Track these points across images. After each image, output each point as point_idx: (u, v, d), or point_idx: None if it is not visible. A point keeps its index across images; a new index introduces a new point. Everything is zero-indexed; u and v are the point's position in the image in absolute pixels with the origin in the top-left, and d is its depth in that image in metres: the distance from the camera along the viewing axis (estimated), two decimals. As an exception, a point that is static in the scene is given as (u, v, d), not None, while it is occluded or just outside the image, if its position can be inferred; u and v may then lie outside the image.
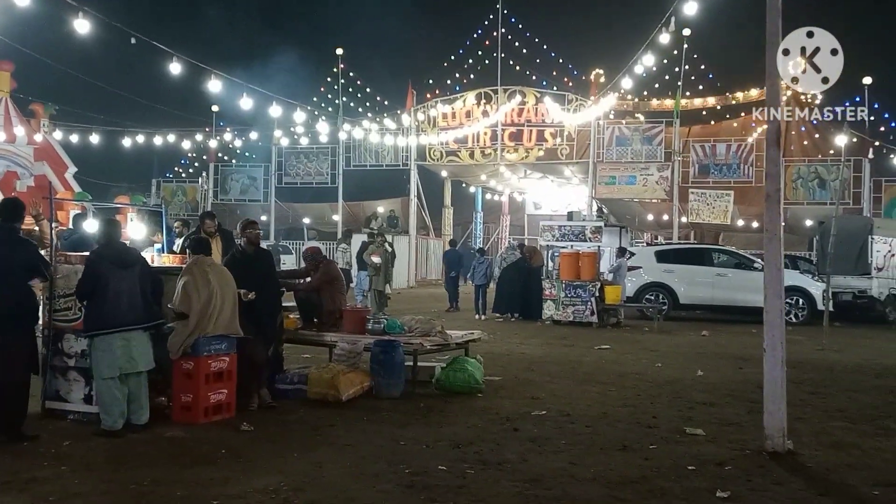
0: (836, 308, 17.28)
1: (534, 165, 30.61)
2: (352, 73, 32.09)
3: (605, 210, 27.91)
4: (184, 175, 34.93)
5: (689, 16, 16.15)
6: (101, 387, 6.77)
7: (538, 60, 31.69)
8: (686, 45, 26.22)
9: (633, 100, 28.87)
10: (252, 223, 8.52)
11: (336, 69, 31.08)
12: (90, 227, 9.10)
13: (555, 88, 29.64)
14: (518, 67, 30.77)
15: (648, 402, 8.56)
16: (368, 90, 32.78)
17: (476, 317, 18.08)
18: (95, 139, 28.01)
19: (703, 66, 29.09)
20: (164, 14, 45.95)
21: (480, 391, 8.78)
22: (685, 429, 7.27)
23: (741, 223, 27.38)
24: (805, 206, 26.07)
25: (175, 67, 15.61)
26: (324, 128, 28.80)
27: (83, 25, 13.32)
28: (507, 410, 7.94)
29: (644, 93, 29.06)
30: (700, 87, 29.22)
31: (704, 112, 29.17)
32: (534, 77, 30.84)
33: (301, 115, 25.74)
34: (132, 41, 15.07)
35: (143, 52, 16.09)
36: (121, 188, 30.79)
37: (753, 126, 26.19)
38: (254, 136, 31.49)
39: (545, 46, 31.73)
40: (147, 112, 31.61)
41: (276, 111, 22.87)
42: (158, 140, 29.59)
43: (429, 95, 30.87)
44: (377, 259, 17.39)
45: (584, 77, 30.29)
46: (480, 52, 30.94)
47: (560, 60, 31.94)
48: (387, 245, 18.29)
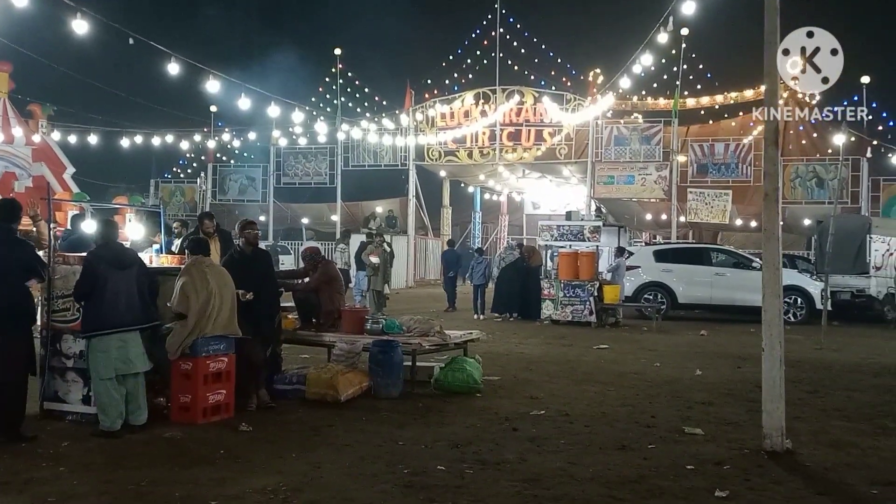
0: (835, 307, 17.32)
1: (532, 165, 30.61)
2: (350, 73, 32.12)
3: (604, 210, 27.88)
4: (182, 175, 34.94)
5: (688, 15, 16.15)
6: (99, 387, 6.77)
7: (536, 60, 31.73)
8: (684, 45, 26.24)
9: (632, 99, 28.89)
10: (250, 223, 8.52)
11: (334, 69, 31.09)
12: (88, 228, 9.09)
13: (553, 88, 29.66)
14: (516, 67, 30.80)
15: (647, 402, 8.57)
16: (367, 90, 32.84)
17: (475, 317, 18.08)
18: (93, 140, 28.01)
19: (702, 66, 29.15)
20: (162, 14, 45.95)
21: (479, 391, 8.79)
22: (684, 428, 7.28)
23: (739, 222, 27.39)
24: (803, 206, 26.09)
25: (173, 68, 15.61)
26: (322, 128, 28.83)
27: (81, 26, 13.32)
28: (506, 410, 7.94)
29: (642, 92, 29.08)
30: (698, 87, 29.28)
31: (703, 111, 29.21)
32: (532, 77, 30.86)
33: (299, 116, 25.77)
34: (130, 41, 15.09)
35: (142, 53, 16.13)
36: (119, 189, 30.79)
37: (752, 125, 26.22)
38: (252, 137, 31.54)
39: (543, 46, 31.76)
40: (145, 112, 31.63)
41: (275, 111, 22.90)
42: (157, 140, 29.58)
43: (427, 95, 30.87)
44: (376, 259, 17.38)
45: (583, 77, 30.32)
46: (479, 52, 30.96)
47: (558, 60, 31.99)
48: (385, 245, 18.29)
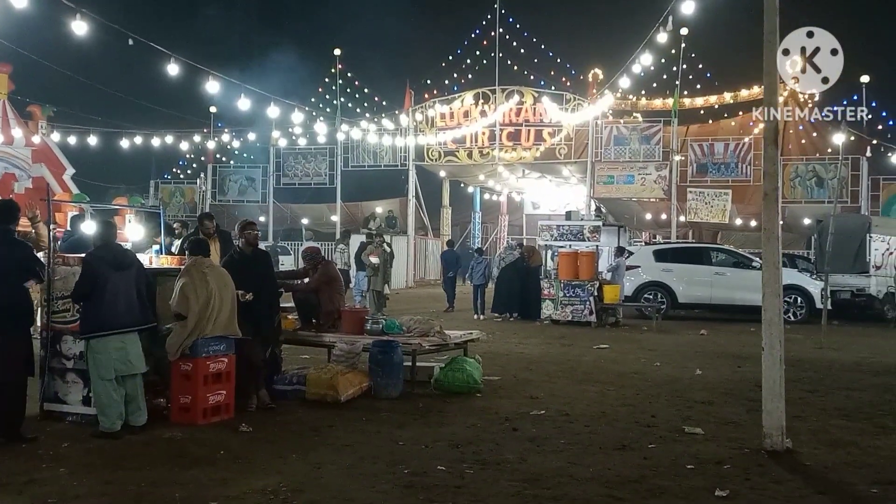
0: (835, 306, 17.31)
1: (532, 165, 30.61)
2: (350, 74, 32.13)
3: (604, 209, 27.90)
4: (182, 176, 34.96)
5: (687, 15, 16.16)
6: (99, 388, 6.76)
7: (536, 60, 31.76)
8: (684, 45, 26.26)
9: (631, 99, 28.90)
10: (250, 224, 8.51)
11: (334, 69, 31.09)
12: (88, 229, 9.09)
13: (553, 88, 29.67)
14: (516, 67, 30.82)
15: (647, 402, 8.57)
16: (366, 90, 32.87)
17: (475, 317, 18.08)
18: (93, 141, 27.99)
19: (701, 66, 29.18)
20: (162, 15, 45.95)
21: (479, 391, 8.78)
22: (684, 428, 7.28)
23: (739, 222, 27.40)
24: (803, 205, 26.10)
25: (173, 68, 15.62)
26: (322, 128, 28.83)
27: (81, 27, 13.32)
28: (506, 410, 7.94)
29: (642, 92, 29.11)
30: (698, 87, 29.31)
31: (702, 111, 29.22)
32: (532, 77, 30.88)
33: (299, 116, 25.76)
34: (130, 42, 15.09)
35: (141, 54, 16.12)
36: (119, 189, 30.83)
37: (751, 125, 26.22)
38: (252, 137, 31.54)
39: (543, 46, 31.80)
40: (145, 113, 31.65)
41: (274, 112, 22.89)
42: (156, 141, 29.58)
43: (427, 96, 30.88)
44: (375, 259, 17.38)
45: (582, 76, 30.33)
46: (478, 52, 30.98)
47: (558, 60, 32.02)
48: (385, 245, 18.28)
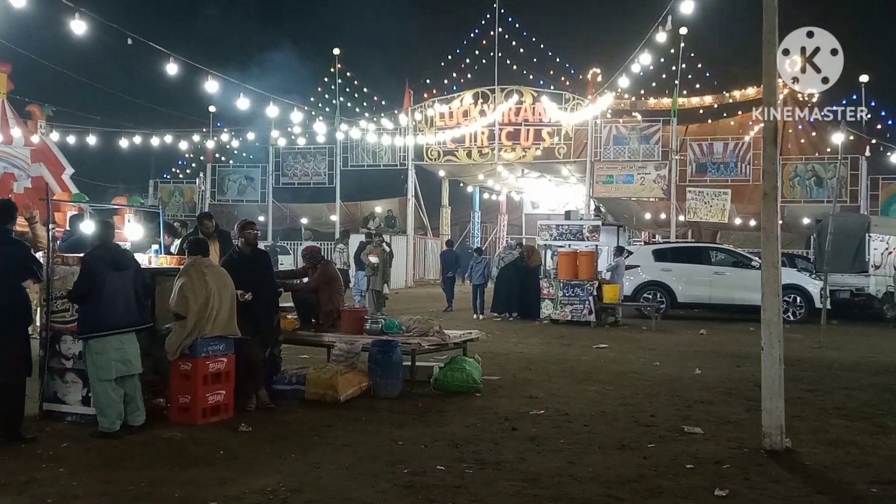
0: (834, 306, 17.32)
1: (531, 165, 30.62)
2: (349, 73, 32.14)
3: (603, 209, 27.90)
4: (181, 176, 34.95)
5: (686, 14, 16.16)
6: (98, 389, 6.75)
7: (535, 60, 31.78)
8: (683, 44, 26.27)
9: (631, 98, 28.90)
10: (250, 224, 8.50)
11: (333, 69, 31.09)
12: (88, 229, 9.08)
13: (552, 88, 29.67)
14: (515, 67, 30.83)
15: (646, 401, 8.57)
16: (366, 90, 32.87)
17: (474, 316, 18.07)
18: (92, 140, 27.98)
19: (700, 65, 29.18)
20: (161, 14, 45.91)
21: (478, 391, 8.78)
22: (683, 427, 7.28)
23: (738, 221, 27.40)
24: (802, 205, 26.11)
25: (172, 68, 15.61)
26: (321, 128, 28.81)
27: (80, 26, 13.31)
28: (506, 410, 7.94)
29: (641, 91, 29.10)
30: (697, 86, 29.32)
31: (701, 111, 29.21)
32: (531, 76, 30.88)
33: (298, 116, 25.74)
34: (129, 42, 15.08)
35: (140, 53, 16.13)
36: (118, 189, 30.84)
37: (751, 124, 26.22)
38: (251, 137, 31.51)
39: (542, 46, 31.80)
40: (144, 113, 31.64)
41: (274, 111, 22.89)
42: (155, 141, 29.57)
43: (426, 95, 30.88)
44: (375, 259, 17.37)
45: (582, 76, 30.36)
46: (477, 52, 30.98)
47: (557, 60, 32.03)
48: (384, 245, 18.28)
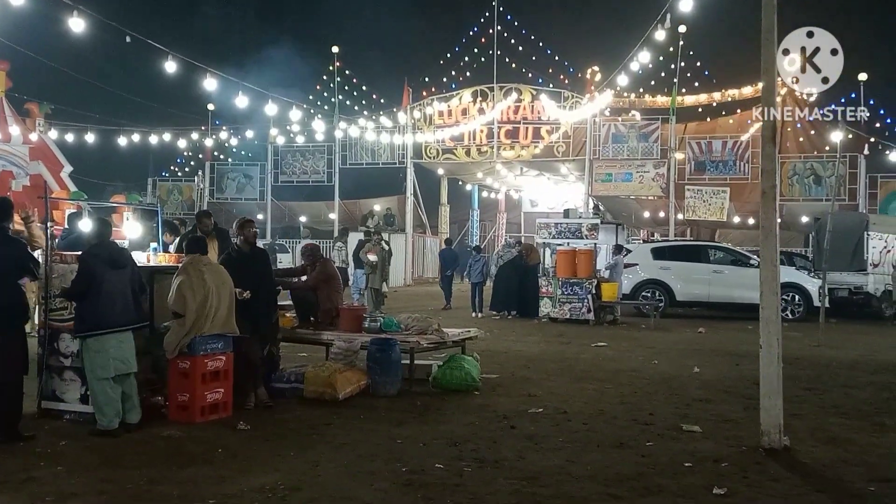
0: (832, 304, 17.32)
1: (530, 163, 30.62)
2: (348, 71, 32.09)
3: (602, 207, 27.90)
4: (180, 174, 34.90)
5: (685, 12, 16.15)
6: (96, 387, 6.75)
7: (534, 58, 31.74)
8: (682, 42, 26.27)
9: (629, 97, 28.88)
10: (249, 222, 8.48)
11: (332, 67, 31.06)
12: (86, 227, 9.07)
13: (551, 86, 29.65)
14: (514, 65, 30.81)
15: (645, 399, 8.57)
16: (364, 88, 32.82)
17: (473, 315, 18.07)
18: (91, 138, 27.93)
19: (699, 63, 29.16)
20: (160, 12, 45.89)
21: (477, 389, 8.79)
22: (682, 425, 7.28)
23: (737, 220, 27.40)
24: (801, 203, 26.12)
25: (170, 66, 15.58)
26: (320, 126, 28.78)
27: (78, 24, 13.28)
28: (504, 408, 7.94)
29: (640, 90, 29.08)
30: (696, 84, 29.30)
31: (700, 109, 29.20)
32: (530, 74, 30.86)
33: (297, 114, 25.70)
34: (127, 40, 15.05)
35: (139, 51, 16.09)
36: (117, 187, 30.82)
37: (750, 123, 26.23)
38: (250, 135, 31.46)
39: (541, 44, 31.76)
40: (142, 111, 31.60)
41: (272, 109, 22.83)
42: (154, 139, 29.51)
43: (425, 93, 30.85)
44: (374, 257, 17.36)
45: (580, 74, 30.31)
46: (476, 50, 30.96)
47: (556, 58, 31.98)
48: (383, 243, 18.27)
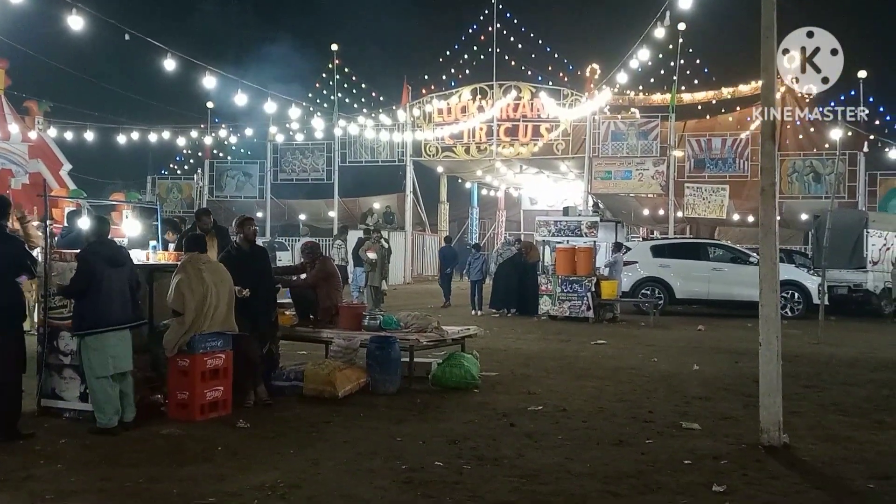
0: (832, 302, 17.31)
1: (529, 161, 30.62)
2: (347, 69, 32.08)
3: (601, 205, 27.92)
4: (179, 172, 34.87)
5: (684, 10, 16.14)
6: (95, 386, 6.74)
7: (533, 56, 31.79)
8: (681, 40, 26.27)
9: (629, 94, 28.89)
10: (249, 220, 8.47)
11: (331, 65, 31.05)
12: (86, 225, 9.07)
13: (550, 84, 29.66)
14: (513, 63, 30.82)
15: (644, 397, 8.58)
16: (364, 86, 32.83)
17: (472, 312, 18.07)
18: (90, 136, 27.89)
19: (699, 61, 29.19)
20: (158, 10, 45.85)
21: (476, 387, 8.79)
22: (681, 423, 7.28)
23: (737, 217, 27.41)
24: (800, 201, 26.14)
25: (169, 64, 15.57)
26: (319, 124, 28.77)
27: (77, 22, 13.26)
28: (504, 406, 7.95)
29: (640, 87, 29.10)
30: (695, 82, 29.33)
31: (700, 107, 29.21)
32: (529, 72, 30.90)
33: (296, 111, 25.68)
34: (126, 37, 15.02)
35: (138, 49, 16.03)
36: (116, 185, 30.72)
37: (749, 121, 26.24)
38: (249, 133, 31.46)
39: (540, 41, 31.82)
40: (142, 109, 31.61)
41: (272, 107, 22.81)
42: (153, 137, 29.48)
43: (424, 91, 30.86)
44: (373, 255, 17.35)
45: (580, 72, 30.33)
46: (476, 48, 30.99)
47: (555, 55, 32.04)
48: (383, 241, 18.27)
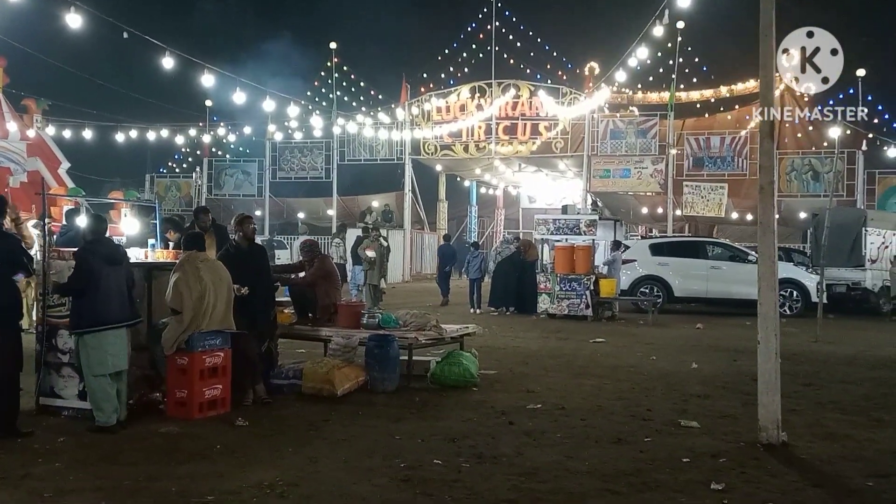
0: (830, 300, 17.34)
1: (528, 159, 30.63)
2: (346, 68, 32.12)
3: (600, 203, 27.93)
4: (177, 170, 34.89)
5: (683, 8, 16.16)
6: (94, 384, 6.73)
7: (532, 54, 31.83)
8: (680, 38, 26.27)
9: (628, 93, 28.90)
10: (248, 218, 8.46)
11: (330, 63, 31.06)
12: (84, 223, 9.06)
13: (549, 82, 29.68)
14: (512, 61, 30.88)
15: (643, 395, 8.58)
16: (362, 84, 32.86)
17: (471, 311, 18.08)
18: (88, 134, 27.89)
19: (697, 59, 29.22)
20: (157, 8, 45.80)
21: (475, 385, 8.78)
22: (680, 421, 7.28)
23: (735, 216, 27.43)
24: (799, 199, 26.16)
25: (168, 62, 15.58)
26: (318, 122, 28.80)
27: (75, 20, 13.27)
28: (503, 404, 7.94)
29: (638, 86, 29.12)
30: (694, 80, 29.36)
31: (698, 105, 29.24)
32: (528, 70, 30.95)
33: (295, 110, 25.66)
34: (124, 36, 15.03)
35: (136, 47, 16.06)
36: (114, 183, 30.71)
37: (748, 119, 26.26)
38: (248, 131, 31.45)
39: (539, 40, 31.87)
40: (140, 107, 31.59)
41: (270, 106, 22.81)
42: (152, 135, 29.49)
43: (423, 89, 30.88)
44: (372, 253, 17.36)
45: (579, 70, 30.39)
46: (475, 46, 31.01)
47: (554, 54, 32.08)
48: (381, 239, 18.27)
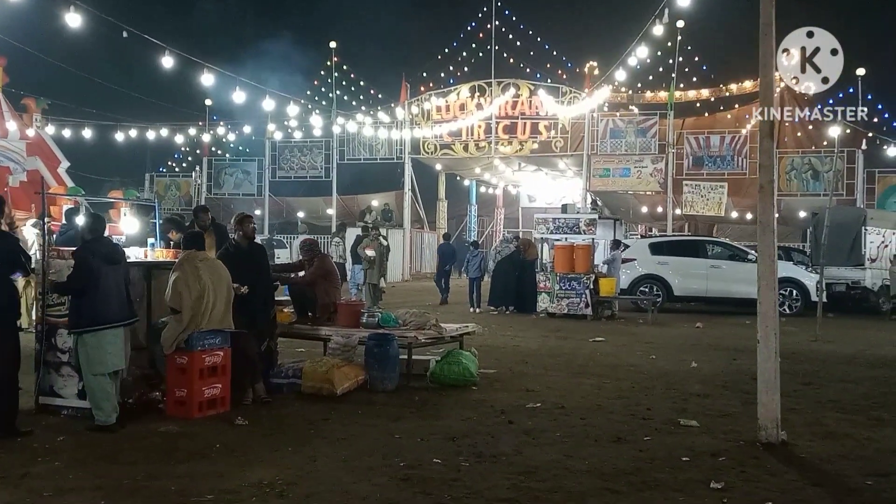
0: (830, 299, 17.35)
1: (528, 158, 30.64)
2: (345, 67, 32.12)
3: (600, 202, 27.92)
4: (177, 169, 34.87)
5: (683, 7, 16.16)
6: (93, 383, 6.74)
7: (532, 53, 31.83)
8: (680, 37, 26.27)
9: (627, 92, 28.90)
10: (248, 217, 8.46)
11: (329, 62, 31.06)
12: (83, 222, 9.06)
13: (549, 81, 29.67)
14: (512, 60, 30.87)
15: (643, 394, 8.58)
16: (362, 83, 32.85)
17: (471, 310, 18.08)
18: (88, 133, 27.89)
19: (697, 58, 29.21)
20: (156, 7, 45.78)
21: (475, 384, 8.79)
22: (679, 420, 7.29)
23: (735, 215, 27.44)
24: (799, 198, 26.17)
25: (168, 61, 15.59)
26: (317, 121, 28.80)
27: (75, 19, 13.28)
28: (502, 403, 7.95)
29: (638, 85, 29.12)
30: (694, 79, 29.35)
31: (698, 104, 29.24)
32: (528, 70, 30.94)
33: (294, 109, 25.67)
34: (124, 35, 15.03)
35: (136, 46, 16.07)
36: (114, 183, 30.71)
37: (748, 118, 26.26)
38: (247, 130, 31.45)
39: (539, 39, 31.86)
40: (140, 106, 31.56)
41: (270, 105, 22.81)
42: (151, 134, 29.49)
43: (423, 88, 30.88)
44: (371, 252, 17.37)
45: (578, 69, 30.38)
46: (474, 45, 31.01)
47: (554, 53, 32.07)
48: (381, 238, 18.28)
